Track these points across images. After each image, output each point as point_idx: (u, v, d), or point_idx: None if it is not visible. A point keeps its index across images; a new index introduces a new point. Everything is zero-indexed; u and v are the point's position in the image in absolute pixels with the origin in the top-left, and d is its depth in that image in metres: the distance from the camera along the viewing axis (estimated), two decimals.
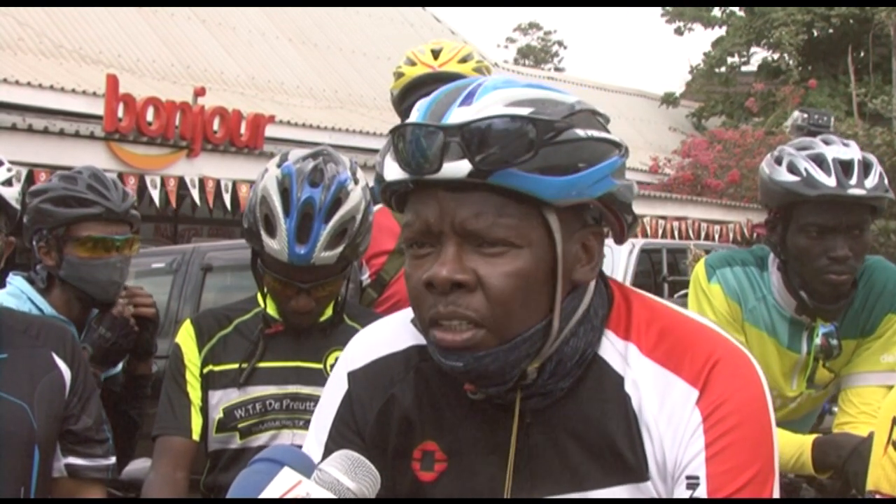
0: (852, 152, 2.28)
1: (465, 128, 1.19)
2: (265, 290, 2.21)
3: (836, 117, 19.99)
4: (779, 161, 2.32)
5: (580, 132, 1.23)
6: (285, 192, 2.06)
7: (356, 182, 2.12)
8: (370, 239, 2.22)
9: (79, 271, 2.58)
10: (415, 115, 1.26)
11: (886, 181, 2.29)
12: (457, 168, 1.20)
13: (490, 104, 1.22)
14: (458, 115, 1.21)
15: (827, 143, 2.31)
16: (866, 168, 2.27)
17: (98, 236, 2.57)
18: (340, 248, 2.09)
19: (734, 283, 2.42)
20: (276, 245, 2.06)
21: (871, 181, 2.25)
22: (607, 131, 1.28)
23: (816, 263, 2.27)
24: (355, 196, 2.11)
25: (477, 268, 1.22)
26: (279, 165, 2.11)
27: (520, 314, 1.23)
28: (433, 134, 1.20)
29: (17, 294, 2.61)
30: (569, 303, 1.28)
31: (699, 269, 2.47)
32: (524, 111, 1.21)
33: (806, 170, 2.25)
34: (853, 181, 2.23)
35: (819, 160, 2.26)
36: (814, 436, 2.34)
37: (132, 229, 2.68)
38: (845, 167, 2.24)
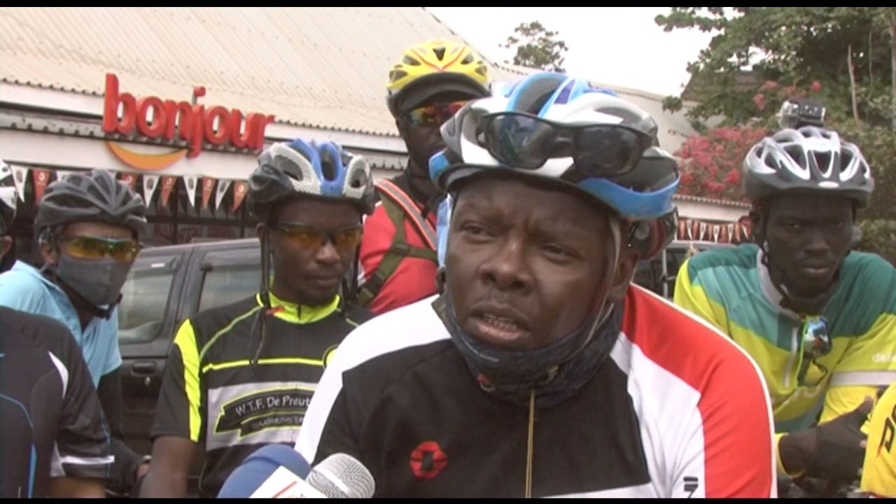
0: (830, 144, 2.26)
1: (580, 131, 1.17)
2: (278, 265, 2.22)
3: (836, 118, 19.95)
4: (759, 153, 2.33)
5: (659, 150, 1.24)
6: (299, 149, 2.16)
7: None
8: (375, 207, 2.31)
9: (71, 271, 2.60)
10: (501, 103, 1.22)
11: (867, 174, 2.27)
12: (557, 166, 1.18)
13: (584, 106, 1.21)
14: (554, 112, 1.20)
15: (806, 135, 2.30)
16: (843, 160, 2.25)
17: (90, 237, 2.58)
18: (362, 189, 2.18)
19: (716, 284, 2.41)
20: (307, 181, 2.13)
21: (846, 174, 2.23)
22: None
23: (794, 257, 2.26)
24: (358, 157, 2.22)
25: (537, 270, 1.21)
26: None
27: (564, 322, 1.23)
28: (535, 127, 1.18)
29: (28, 271, 2.62)
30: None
31: (682, 272, 2.46)
32: (615, 119, 1.20)
33: (781, 162, 2.25)
34: (827, 174, 2.21)
35: (795, 153, 2.25)
36: (779, 435, 2.32)
37: (134, 235, 2.68)
38: (821, 160, 2.23)
